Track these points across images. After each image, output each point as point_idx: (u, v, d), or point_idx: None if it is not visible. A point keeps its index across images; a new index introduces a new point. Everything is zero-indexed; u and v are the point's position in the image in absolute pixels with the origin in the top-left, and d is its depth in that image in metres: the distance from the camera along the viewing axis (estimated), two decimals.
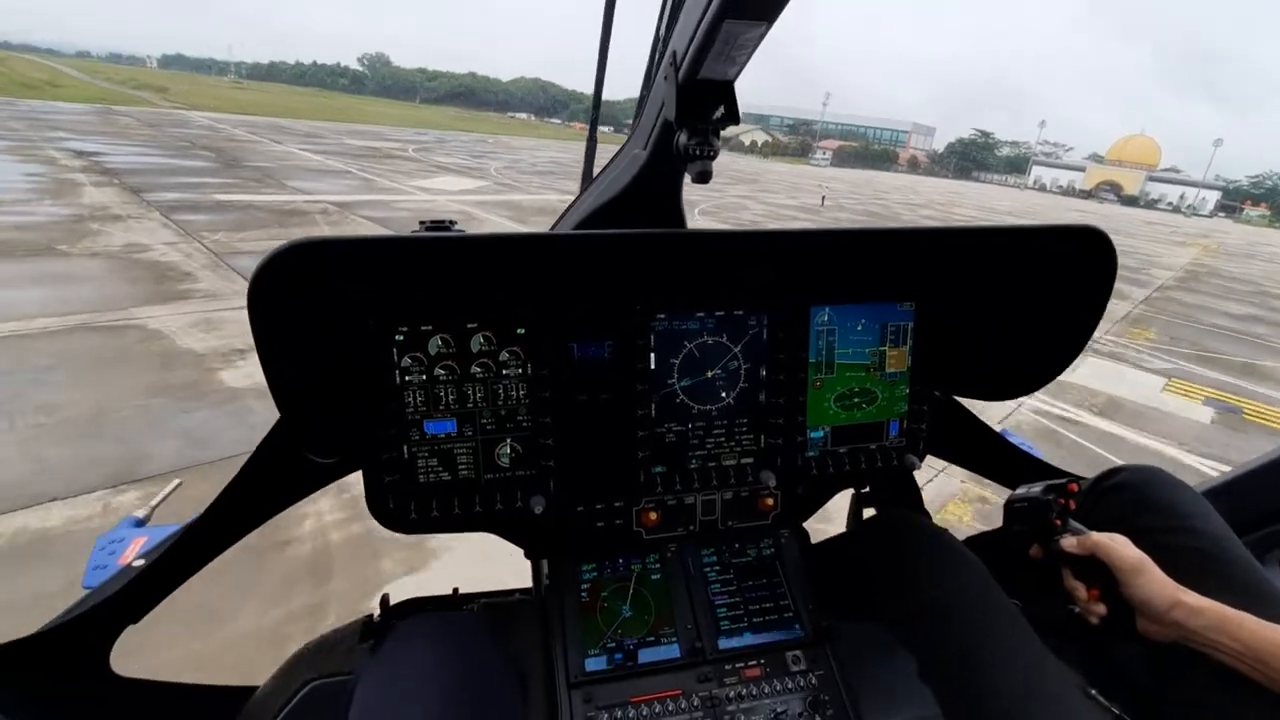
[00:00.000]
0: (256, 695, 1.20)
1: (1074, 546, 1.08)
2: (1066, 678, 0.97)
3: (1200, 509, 1.12)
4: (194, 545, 1.16)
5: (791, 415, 1.37)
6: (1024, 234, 1.21)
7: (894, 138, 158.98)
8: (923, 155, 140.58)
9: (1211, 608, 0.93)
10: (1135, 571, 0.99)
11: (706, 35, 0.82)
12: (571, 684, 1.15)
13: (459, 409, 1.19)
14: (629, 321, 1.25)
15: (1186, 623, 0.94)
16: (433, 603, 1.36)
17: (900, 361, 1.43)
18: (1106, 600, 1.05)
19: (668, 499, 1.35)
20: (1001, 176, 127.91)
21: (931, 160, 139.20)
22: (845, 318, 1.37)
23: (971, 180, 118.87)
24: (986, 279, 1.34)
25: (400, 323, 1.13)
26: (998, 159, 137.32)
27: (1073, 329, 1.29)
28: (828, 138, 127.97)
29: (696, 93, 0.94)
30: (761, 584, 1.34)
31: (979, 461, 1.63)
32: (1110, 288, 1.22)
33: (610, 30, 1.27)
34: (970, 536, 1.51)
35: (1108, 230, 1.19)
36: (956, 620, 1.05)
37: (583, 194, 1.45)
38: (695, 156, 0.96)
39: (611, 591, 1.28)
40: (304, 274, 0.90)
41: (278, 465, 1.16)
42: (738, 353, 1.32)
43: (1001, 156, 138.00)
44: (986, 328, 1.39)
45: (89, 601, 1.12)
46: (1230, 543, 1.07)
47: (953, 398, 1.54)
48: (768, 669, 1.22)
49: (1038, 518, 1.14)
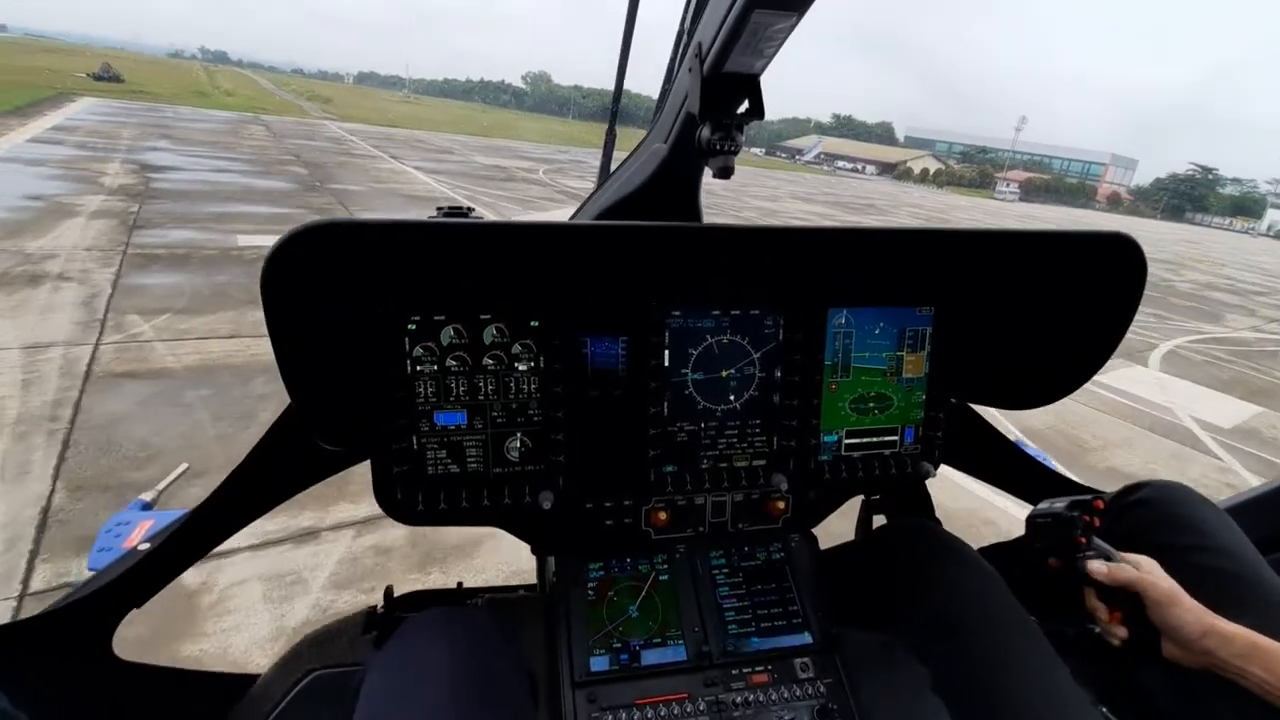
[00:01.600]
0: (258, 683, 1.20)
1: (1104, 576, 1.04)
2: (1081, 695, 0.95)
3: (1226, 528, 1.11)
4: (199, 530, 1.17)
5: (805, 418, 1.34)
6: (1050, 239, 1.16)
7: (1085, 170, 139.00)
8: (1124, 191, 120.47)
9: (1242, 636, 0.92)
10: (1168, 602, 0.97)
11: (734, 26, 0.81)
12: (576, 683, 1.13)
13: (469, 401, 1.18)
14: (644, 317, 1.23)
15: (1217, 650, 0.92)
16: (436, 596, 1.35)
17: (918, 367, 1.39)
18: (1130, 623, 1.03)
19: (678, 499, 1.32)
20: (1225, 219, 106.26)
21: (1136, 197, 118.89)
22: (863, 320, 1.34)
23: (1186, 223, 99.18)
24: (1009, 285, 1.31)
25: (413, 312, 1.11)
26: (1220, 198, 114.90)
27: (1097, 339, 1.24)
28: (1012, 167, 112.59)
29: (721, 86, 0.92)
30: (770, 588, 1.30)
31: (994, 472, 1.61)
32: (1139, 297, 1.17)
33: (634, 20, 1.31)
34: (984, 547, 1.47)
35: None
36: (972, 632, 1.04)
37: (600, 188, 1.47)
38: (718, 151, 0.95)
39: (618, 591, 1.25)
40: (319, 257, 0.86)
41: (285, 452, 1.16)
42: (752, 352, 1.30)
43: (1225, 195, 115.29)
44: (1007, 335, 1.37)
45: (93, 584, 1.13)
46: (1258, 564, 1.05)
47: (969, 406, 1.52)
48: (775, 675, 1.18)
49: (1061, 534, 1.11)
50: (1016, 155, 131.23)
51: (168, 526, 1.19)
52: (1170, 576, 1.01)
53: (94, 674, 1.17)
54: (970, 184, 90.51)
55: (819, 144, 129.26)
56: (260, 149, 21.13)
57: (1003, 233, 1.12)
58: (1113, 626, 1.04)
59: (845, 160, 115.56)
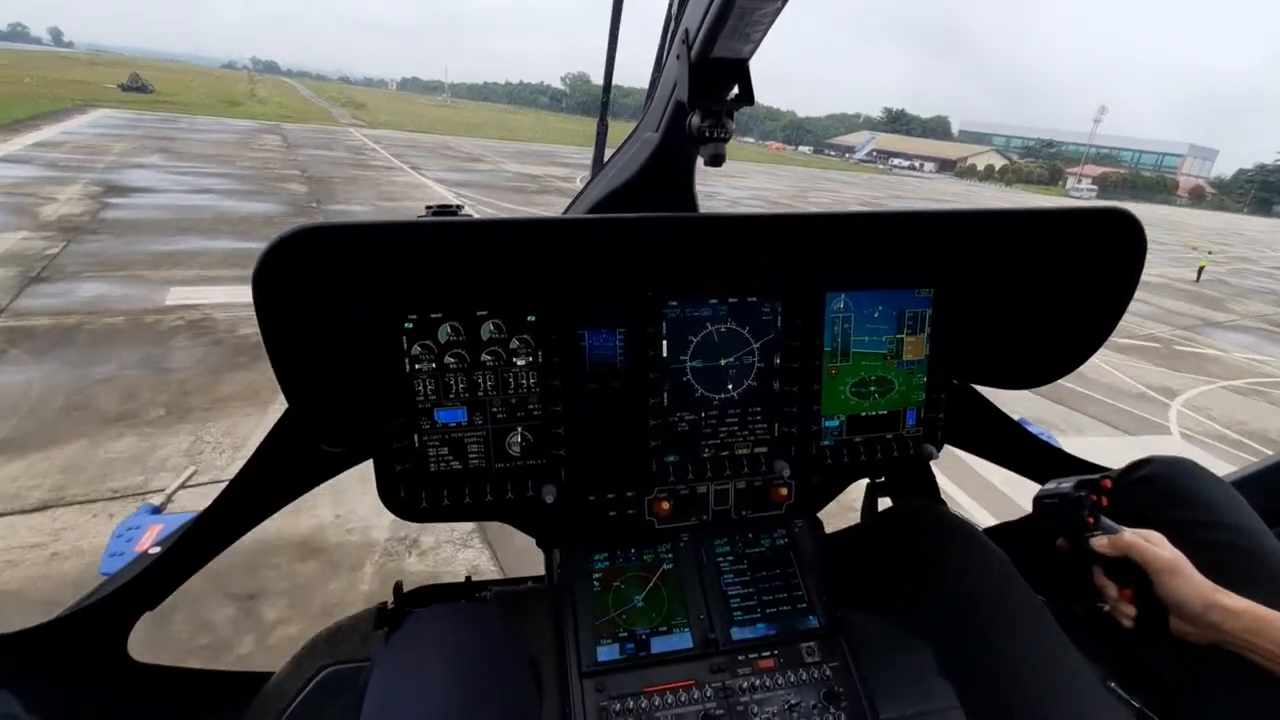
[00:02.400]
0: (272, 681, 1.19)
1: (1106, 547, 1.04)
2: (1090, 674, 0.95)
3: (1233, 502, 1.09)
4: (207, 533, 1.17)
5: (806, 404, 1.34)
6: (1047, 217, 1.16)
7: (1159, 161, 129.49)
8: (1206, 185, 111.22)
9: (1249, 610, 0.90)
10: (1170, 572, 0.96)
11: (720, 11, 0.80)
12: (584, 673, 1.13)
13: (469, 397, 1.18)
14: (641, 308, 1.22)
15: (1223, 625, 0.91)
16: (446, 590, 1.35)
17: (918, 349, 1.39)
18: (1139, 600, 1.02)
19: (680, 488, 1.32)
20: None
21: (1219, 190, 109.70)
22: (862, 304, 1.33)
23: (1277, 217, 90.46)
24: (1008, 264, 1.30)
25: (409, 310, 1.11)
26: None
27: (1098, 315, 1.23)
28: (1081, 162, 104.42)
29: (710, 72, 0.91)
30: (775, 574, 1.31)
31: (998, 451, 1.59)
32: (1139, 272, 1.16)
33: (620, 9, 1.31)
34: (991, 527, 1.47)
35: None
36: (978, 613, 1.03)
37: (594, 179, 1.45)
38: (708, 139, 0.93)
39: (624, 581, 1.26)
40: (310, 260, 0.87)
41: (288, 454, 1.16)
42: (751, 340, 1.30)
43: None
44: (1007, 314, 1.35)
45: (106, 588, 1.13)
46: (1265, 537, 1.04)
47: (971, 386, 1.51)
48: (781, 660, 1.19)
49: (1069, 514, 1.09)
50: (1084, 149, 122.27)
51: (177, 530, 1.20)
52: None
53: (110, 677, 1.19)
54: (1039, 181, 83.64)
55: (871, 140, 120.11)
56: (263, 162, 18.81)
57: (1001, 212, 1.13)
58: (1122, 604, 1.03)
59: (900, 157, 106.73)
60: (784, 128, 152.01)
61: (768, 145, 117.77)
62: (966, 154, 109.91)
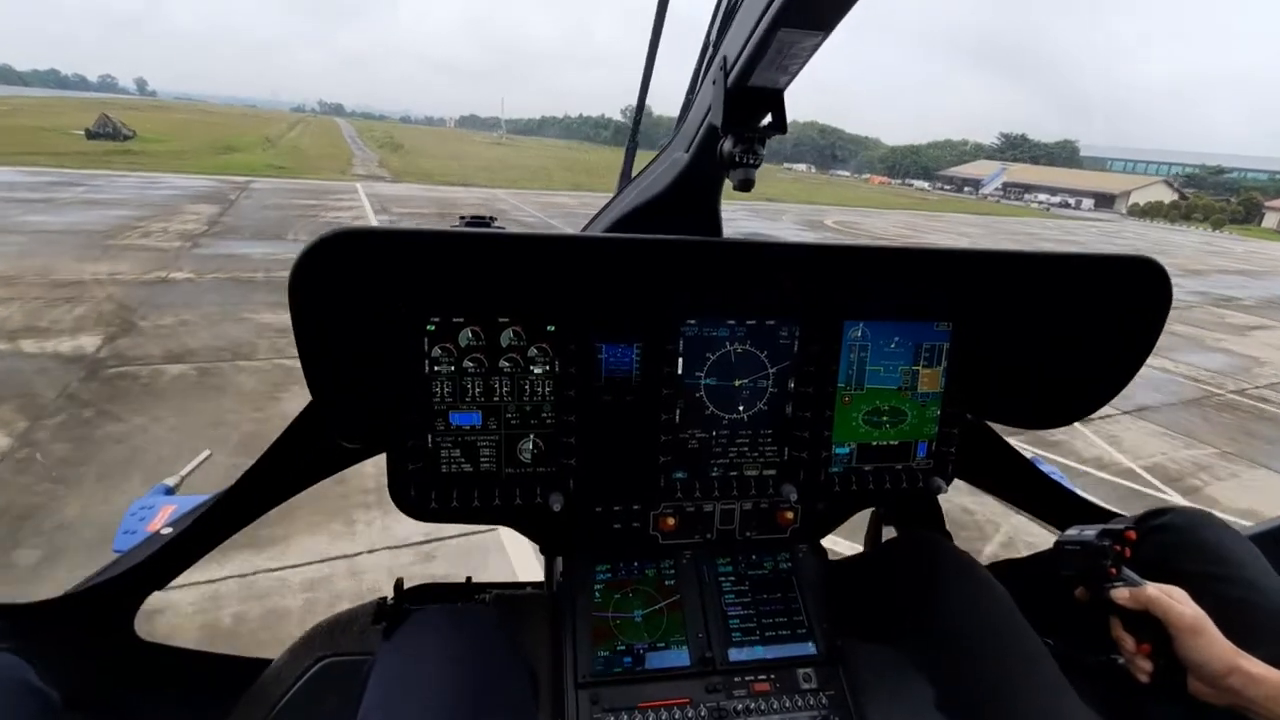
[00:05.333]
0: (271, 667, 1.20)
1: (1127, 600, 1.01)
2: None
3: (1252, 558, 1.06)
4: (220, 516, 1.19)
5: (817, 429, 1.33)
6: (1072, 261, 1.15)
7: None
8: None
9: (1271, 677, 0.88)
10: (1193, 632, 0.93)
11: (760, 42, 0.80)
12: (579, 684, 1.12)
13: (485, 402, 1.18)
14: (658, 325, 1.22)
15: (1244, 690, 0.88)
16: (446, 590, 1.34)
17: (933, 382, 1.38)
18: (1156, 656, 0.99)
19: (686, 505, 1.32)
20: None
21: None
22: (879, 334, 1.32)
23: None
24: (1029, 304, 1.29)
25: (433, 314, 1.12)
26: None
27: (1118, 363, 1.23)
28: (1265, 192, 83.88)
29: (745, 100, 0.92)
30: (776, 598, 1.30)
31: (1010, 490, 1.59)
32: (1163, 321, 1.16)
33: (660, 31, 1.30)
34: (999, 563, 1.45)
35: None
36: (976, 651, 1.02)
37: (620, 194, 1.47)
38: (739, 164, 0.94)
39: (625, 594, 1.25)
40: (346, 261, 0.89)
41: (305, 446, 1.18)
42: (766, 363, 1.29)
43: None
44: (1026, 354, 1.35)
45: (118, 566, 1.14)
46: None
47: (985, 423, 1.50)
48: (777, 685, 1.17)
49: (1091, 563, 1.07)
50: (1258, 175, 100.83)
51: (190, 511, 1.21)
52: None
53: (116, 652, 1.22)
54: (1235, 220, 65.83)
55: (1002, 172, 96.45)
56: (103, 280, 8.62)
57: (1024, 254, 1.11)
58: (1139, 659, 1.00)
59: (1042, 192, 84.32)
60: (882, 157, 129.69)
61: (868, 180, 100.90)
62: (1129, 186, 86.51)
